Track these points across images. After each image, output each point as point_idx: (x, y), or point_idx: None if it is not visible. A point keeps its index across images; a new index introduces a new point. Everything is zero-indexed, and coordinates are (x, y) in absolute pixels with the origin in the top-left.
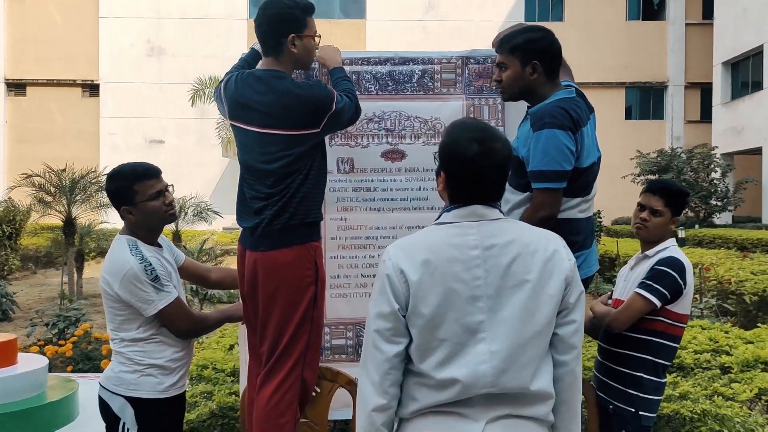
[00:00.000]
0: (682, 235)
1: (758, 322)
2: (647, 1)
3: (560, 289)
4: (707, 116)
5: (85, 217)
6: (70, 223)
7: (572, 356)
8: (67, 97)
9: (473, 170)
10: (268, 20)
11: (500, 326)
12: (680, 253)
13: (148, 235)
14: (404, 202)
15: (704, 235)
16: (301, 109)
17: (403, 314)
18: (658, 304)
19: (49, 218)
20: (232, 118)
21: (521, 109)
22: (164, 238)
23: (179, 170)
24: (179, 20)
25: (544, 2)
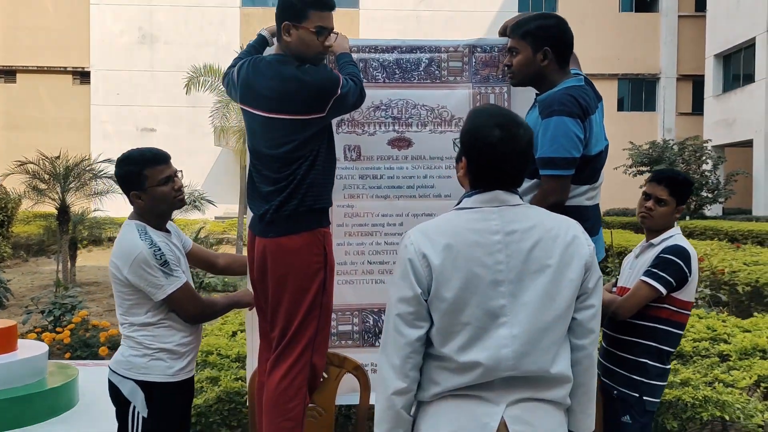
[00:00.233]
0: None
1: (751, 311)
2: None
3: (580, 274)
4: (699, 108)
5: (78, 205)
6: (64, 210)
7: (590, 340)
8: (58, 84)
9: (495, 156)
10: (278, 4)
11: (521, 310)
12: (685, 241)
13: (157, 220)
14: (411, 189)
15: (695, 226)
16: (306, 93)
17: (425, 298)
18: (663, 291)
19: (40, 206)
20: (241, 101)
21: (528, 97)
22: (172, 223)
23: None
24: (171, 8)
25: None
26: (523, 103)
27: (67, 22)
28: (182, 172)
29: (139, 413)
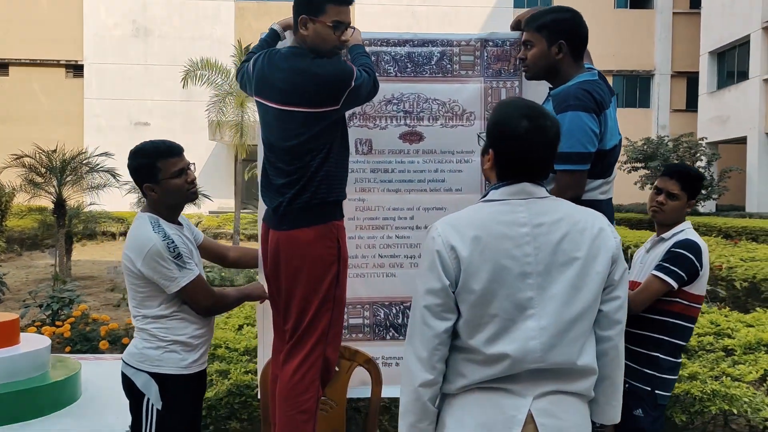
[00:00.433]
0: None
1: (748, 307)
2: None
3: (607, 266)
4: (693, 105)
5: (74, 199)
6: (60, 204)
7: (616, 331)
8: (51, 77)
9: (523, 147)
10: None
11: (549, 303)
12: (696, 235)
13: (169, 212)
14: (421, 183)
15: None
16: (320, 86)
17: (452, 290)
18: (675, 285)
19: (35, 200)
20: (256, 93)
21: (540, 91)
22: (183, 216)
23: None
24: (166, 1)
25: None
26: (534, 97)
27: (60, 14)
28: (195, 164)
29: (153, 405)
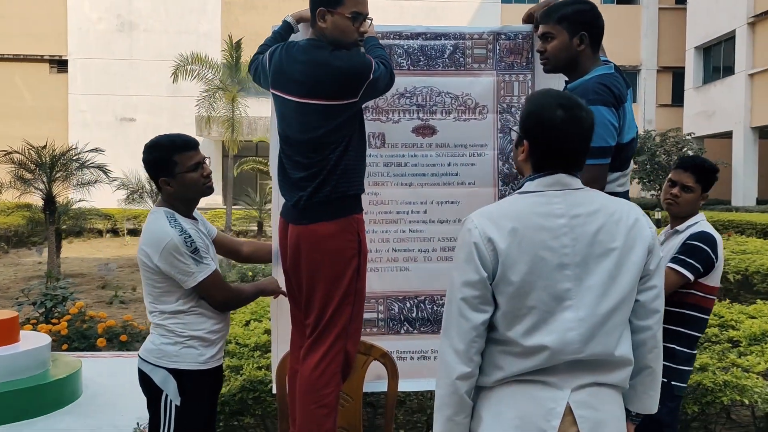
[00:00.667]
0: (658, 216)
1: (740, 300)
2: None
3: (643, 256)
4: (679, 100)
5: (62, 195)
6: (50, 200)
7: (654, 320)
8: (34, 72)
9: (559, 138)
10: None
11: (586, 294)
12: (710, 227)
13: (185, 207)
14: (435, 177)
15: None
16: (339, 79)
17: (490, 282)
18: (691, 277)
19: (23, 197)
20: (273, 86)
21: (553, 85)
22: (197, 211)
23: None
24: None
25: None
26: None
27: (43, 9)
28: (210, 158)
29: (171, 402)
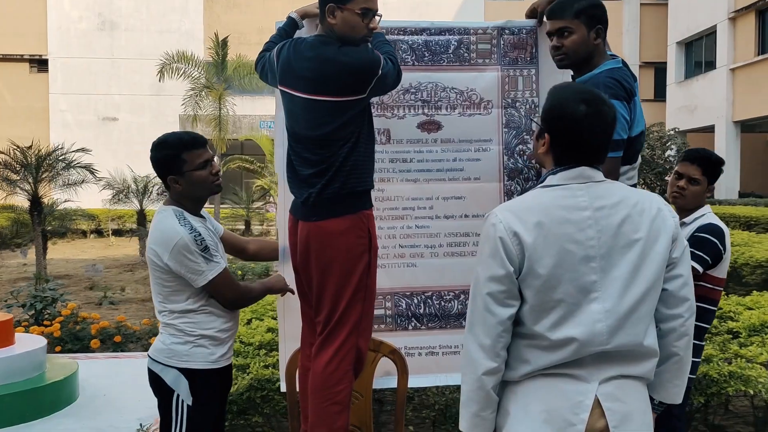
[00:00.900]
0: None
1: (728, 292)
2: None
3: (667, 246)
4: (661, 95)
5: (48, 196)
6: (36, 201)
7: (685, 308)
8: (14, 72)
9: (582, 132)
10: None
11: (612, 285)
12: (717, 219)
13: (193, 205)
14: (440, 173)
15: None
16: (347, 75)
17: (516, 276)
18: (700, 269)
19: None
20: (280, 83)
21: (558, 80)
22: (203, 209)
23: (134, 148)
24: None
25: None
26: (552, 86)
27: (22, 7)
28: (218, 156)
29: (183, 401)
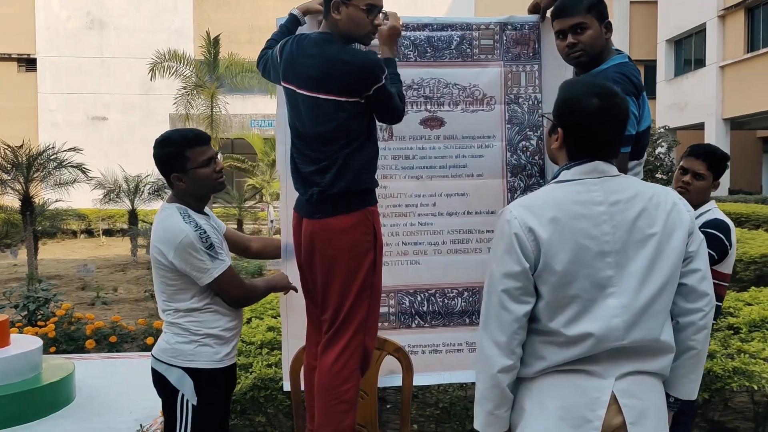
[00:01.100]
0: None
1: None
2: None
3: (683, 240)
4: (651, 92)
5: (39, 196)
6: (28, 201)
7: (705, 302)
8: (2, 71)
9: (595, 125)
10: None
11: (628, 280)
12: (722, 214)
13: (196, 203)
14: (443, 169)
15: None
16: (349, 74)
17: (532, 273)
18: None
19: None
20: (283, 79)
21: (560, 76)
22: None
23: (124, 147)
24: None
25: None
26: (554, 82)
27: (10, 6)
28: (221, 154)
29: (188, 401)
